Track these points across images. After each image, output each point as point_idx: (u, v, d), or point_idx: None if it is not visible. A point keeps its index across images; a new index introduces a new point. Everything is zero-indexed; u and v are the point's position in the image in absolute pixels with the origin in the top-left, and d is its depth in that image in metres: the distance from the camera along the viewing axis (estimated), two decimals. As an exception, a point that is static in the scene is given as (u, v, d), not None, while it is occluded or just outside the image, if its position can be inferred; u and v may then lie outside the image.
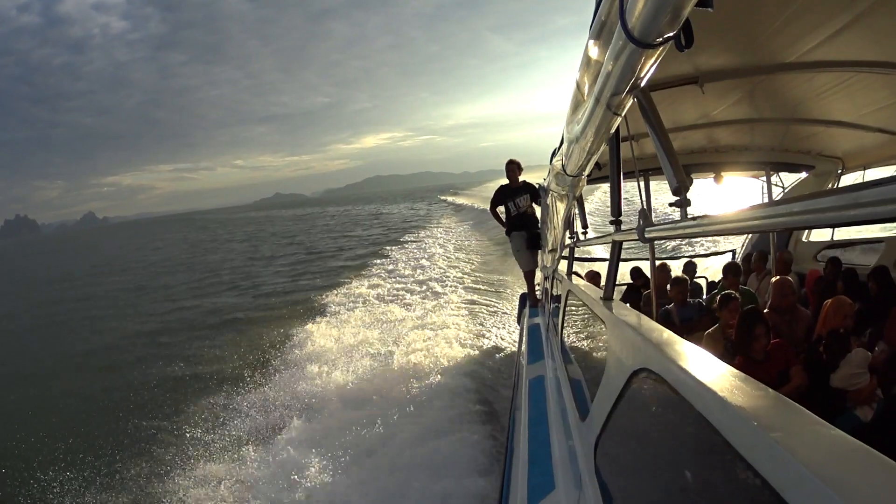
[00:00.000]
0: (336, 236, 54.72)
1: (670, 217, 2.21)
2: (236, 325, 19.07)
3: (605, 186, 4.35)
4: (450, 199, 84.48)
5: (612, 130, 2.71)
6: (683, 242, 19.55)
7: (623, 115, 2.33)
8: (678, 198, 2.09)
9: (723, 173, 7.08)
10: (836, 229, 8.47)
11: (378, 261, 29.83)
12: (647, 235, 2.40)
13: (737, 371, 1.50)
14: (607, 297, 3.36)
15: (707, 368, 1.58)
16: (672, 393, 1.65)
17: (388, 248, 34.91)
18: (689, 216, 1.95)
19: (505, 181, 9.80)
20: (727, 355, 4.28)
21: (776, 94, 4.84)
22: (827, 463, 0.97)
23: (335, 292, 21.28)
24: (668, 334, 2.13)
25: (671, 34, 1.49)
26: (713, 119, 5.56)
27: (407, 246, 35.09)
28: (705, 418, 1.37)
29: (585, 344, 3.84)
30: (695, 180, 2.13)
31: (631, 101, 2.20)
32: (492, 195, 10.01)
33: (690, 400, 1.50)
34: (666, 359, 1.79)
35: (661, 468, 1.91)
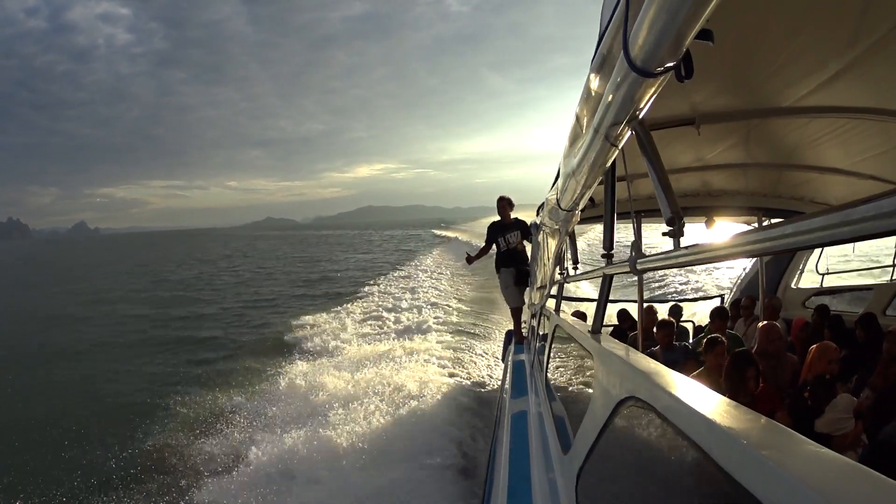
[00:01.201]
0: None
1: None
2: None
3: (598, 229, 4.38)
4: (445, 233, 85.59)
5: (609, 164, 2.70)
6: (674, 277, 19.60)
7: (620, 147, 2.33)
8: (672, 228, 2.08)
9: (715, 217, 7.09)
10: (825, 276, 8.52)
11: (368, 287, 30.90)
12: (638, 267, 2.40)
13: (725, 398, 1.49)
14: (595, 331, 3.35)
15: (696, 395, 1.56)
16: (661, 420, 1.63)
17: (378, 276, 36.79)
18: (681, 247, 1.95)
19: (497, 218, 9.76)
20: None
21: (771, 139, 4.86)
22: (826, 482, 0.96)
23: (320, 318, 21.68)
24: (655, 364, 2.11)
25: (672, 64, 1.50)
26: (708, 163, 5.57)
27: (397, 275, 36.87)
28: (696, 444, 1.35)
29: (571, 378, 3.81)
30: (686, 224, 2.14)
31: (629, 134, 2.20)
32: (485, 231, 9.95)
33: (680, 426, 1.48)
34: (654, 386, 1.78)
35: (648, 497, 1.88)
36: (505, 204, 9.60)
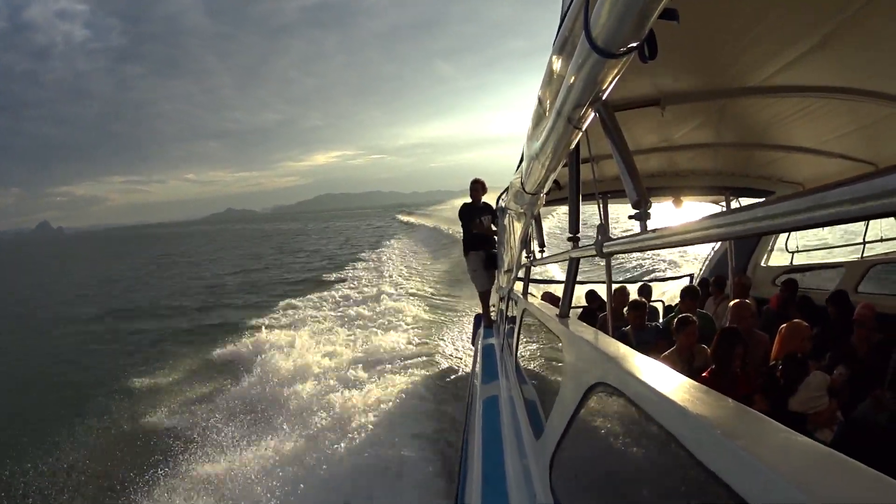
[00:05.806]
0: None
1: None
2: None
3: (563, 210, 4.35)
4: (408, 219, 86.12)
5: (573, 146, 2.68)
6: (643, 258, 19.89)
7: (584, 129, 2.31)
8: (638, 210, 2.05)
9: (682, 197, 7.10)
10: (795, 254, 8.59)
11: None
12: (605, 250, 2.36)
13: (696, 383, 1.48)
14: (563, 315, 3.30)
15: (666, 381, 1.55)
16: (631, 406, 1.62)
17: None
18: (648, 229, 1.94)
19: (467, 200, 9.65)
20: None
21: (738, 119, 4.87)
22: (796, 467, 0.98)
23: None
24: (624, 349, 2.10)
25: (635, 44, 1.48)
26: (674, 143, 5.58)
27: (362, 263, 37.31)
28: (667, 430, 1.34)
29: (541, 361, 3.79)
30: (654, 204, 2.13)
31: (592, 116, 2.18)
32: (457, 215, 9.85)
33: (650, 412, 1.46)
34: (624, 372, 1.76)
35: (621, 483, 1.87)
36: (479, 187, 9.51)
